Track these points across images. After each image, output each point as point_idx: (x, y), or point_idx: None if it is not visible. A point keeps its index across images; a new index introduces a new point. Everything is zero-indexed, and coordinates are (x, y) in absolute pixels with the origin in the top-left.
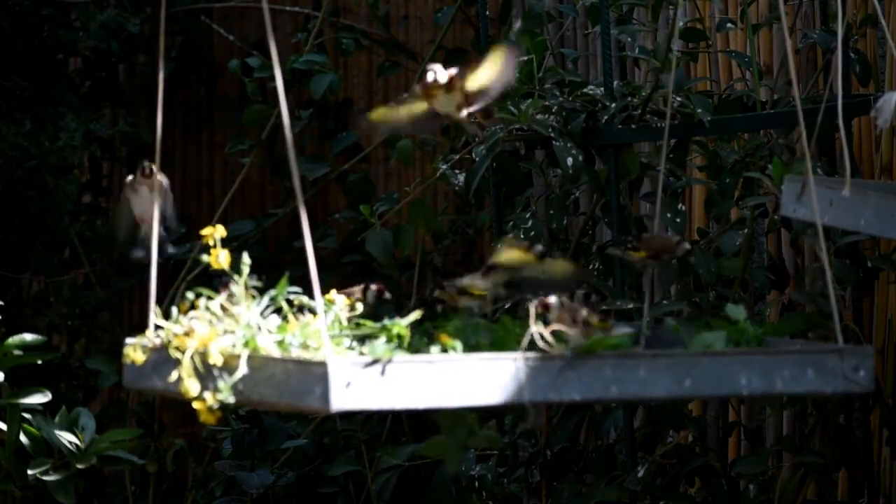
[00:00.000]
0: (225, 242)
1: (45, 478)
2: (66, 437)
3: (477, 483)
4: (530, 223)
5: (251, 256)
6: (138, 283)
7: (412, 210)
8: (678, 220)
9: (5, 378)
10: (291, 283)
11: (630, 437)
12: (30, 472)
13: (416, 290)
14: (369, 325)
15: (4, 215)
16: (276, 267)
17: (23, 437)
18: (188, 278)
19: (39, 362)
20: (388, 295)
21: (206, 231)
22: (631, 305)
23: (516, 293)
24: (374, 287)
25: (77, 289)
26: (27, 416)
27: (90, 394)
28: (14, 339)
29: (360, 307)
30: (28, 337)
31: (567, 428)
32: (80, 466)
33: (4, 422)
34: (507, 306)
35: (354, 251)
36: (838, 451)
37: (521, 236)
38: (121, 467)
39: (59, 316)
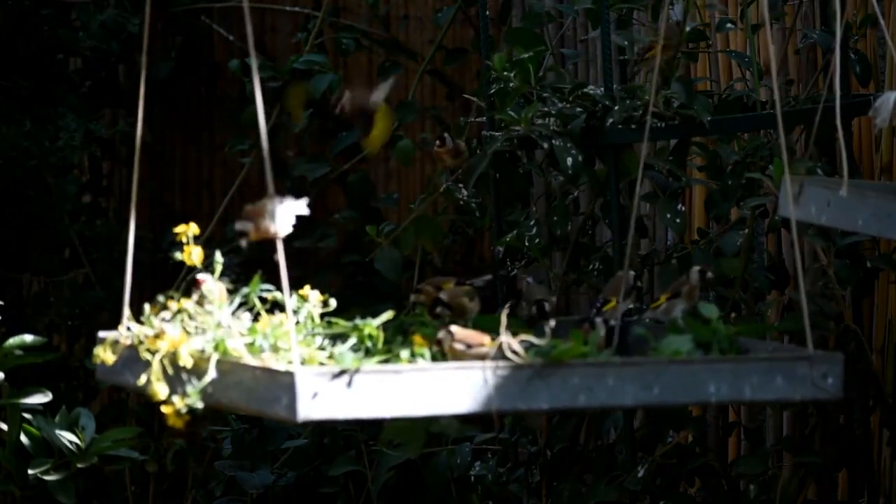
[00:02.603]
0: (225, 242)
1: (46, 477)
2: (67, 437)
3: (477, 483)
4: (532, 224)
5: (251, 256)
6: (138, 284)
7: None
8: (678, 220)
9: (6, 378)
10: (289, 282)
11: (630, 437)
12: (30, 471)
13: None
14: (341, 324)
15: (4, 215)
16: (275, 267)
17: (23, 437)
18: (188, 278)
19: (39, 362)
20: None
21: (179, 229)
22: (631, 306)
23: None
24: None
25: (77, 289)
26: (27, 416)
27: (90, 394)
28: (14, 340)
29: (332, 303)
30: (28, 337)
31: (567, 428)
32: (80, 466)
33: (5, 422)
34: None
35: (354, 251)
36: (838, 452)
37: (521, 237)
38: (121, 466)
39: (59, 316)
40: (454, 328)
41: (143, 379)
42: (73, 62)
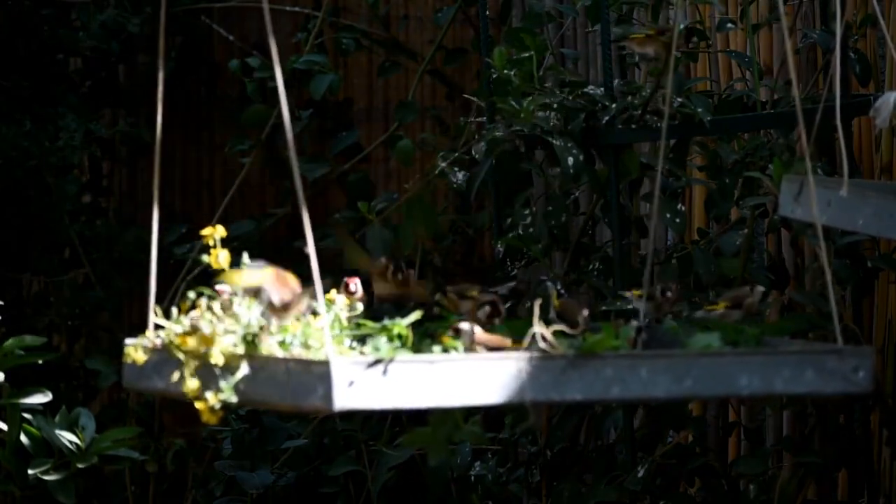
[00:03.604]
0: (225, 242)
1: (46, 478)
2: (67, 437)
3: (477, 483)
4: (530, 222)
5: (251, 256)
6: (138, 283)
7: (410, 207)
8: (678, 220)
9: (5, 378)
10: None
11: (630, 437)
12: (30, 471)
13: None
14: (369, 326)
15: (4, 215)
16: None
17: (23, 437)
18: (188, 278)
19: (39, 362)
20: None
21: (206, 231)
22: (631, 306)
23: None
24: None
25: (77, 289)
26: (27, 416)
27: (90, 394)
28: (14, 340)
29: (359, 307)
30: (28, 337)
31: (567, 428)
32: (80, 466)
33: (5, 422)
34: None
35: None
36: (838, 451)
37: (521, 233)
38: (121, 466)
39: (59, 316)
40: (477, 330)
41: (175, 376)
42: (73, 62)
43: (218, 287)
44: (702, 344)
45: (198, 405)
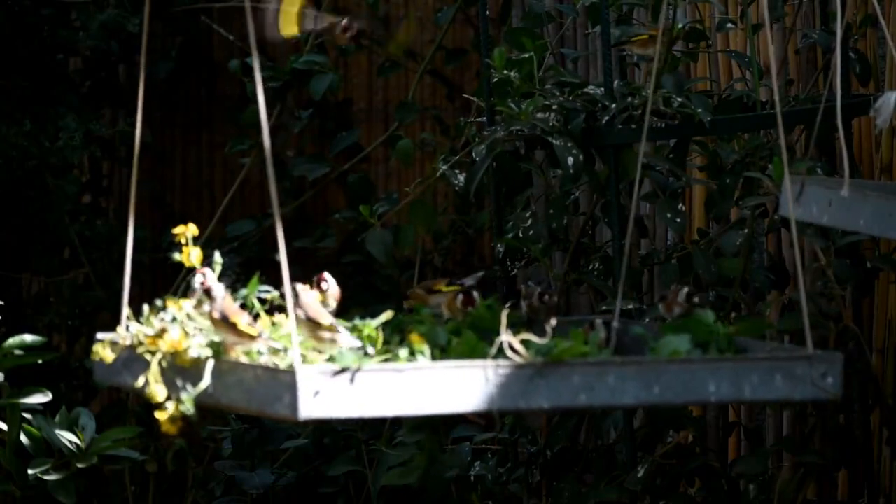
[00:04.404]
0: (225, 242)
1: (46, 477)
2: (67, 437)
3: (477, 483)
4: (530, 223)
5: (251, 256)
6: (138, 284)
7: (412, 210)
8: (678, 219)
9: (5, 378)
10: (292, 282)
11: (630, 437)
12: (30, 471)
13: None
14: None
15: (4, 215)
16: (275, 267)
17: (23, 437)
18: (188, 278)
19: (39, 362)
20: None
21: (178, 230)
22: (631, 306)
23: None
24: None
25: (77, 289)
26: (27, 416)
27: (90, 394)
28: (14, 340)
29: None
30: (28, 337)
31: (567, 428)
32: (80, 466)
33: (5, 422)
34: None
35: (354, 251)
36: (838, 451)
37: (521, 236)
38: (121, 466)
39: (59, 316)
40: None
41: (141, 380)
42: (73, 62)
43: (195, 283)
44: (672, 347)
45: (158, 414)
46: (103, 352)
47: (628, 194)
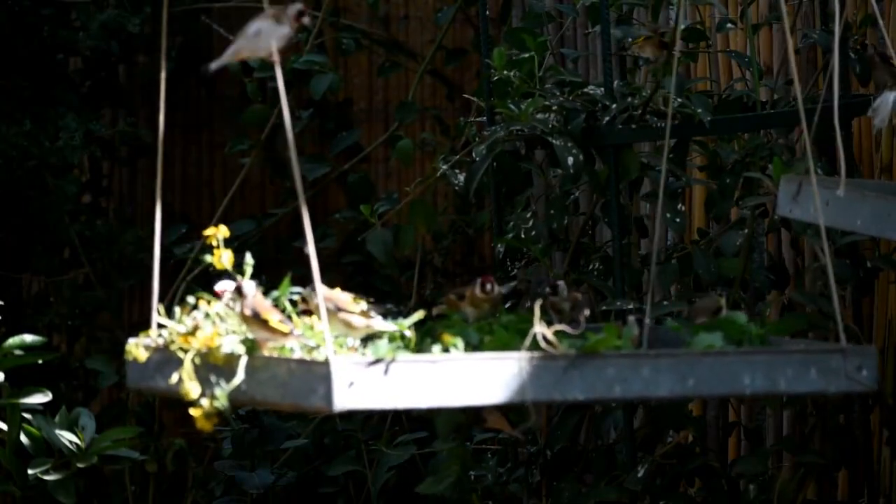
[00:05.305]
0: (225, 242)
1: (46, 477)
2: (67, 437)
3: (477, 483)
4: (530, 223)
5: (251, 256)
6: (138, 283)
7: (412, 210)
8: (678, 219)
9: (5, 378)
10: (292, 283)
11: (630, 437)
12: (30, 471)
13: (417, 290)
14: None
15: (4, 215)
16: (276, 267)
17: (23, 437)
18: (188, 278)
19: (39, 362)
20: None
21: (208, 231)
22: (631, 305)
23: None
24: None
25: (77, 289)
26: (27, 416)
27: (90, 394)
28: (14, 340)
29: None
30: (28, 337)
31: (567, 428)
32: (80, 466)
33: (5, 422)
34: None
35: (354, 251)
36: (838, 451)
37: (521, 236)
38: (121, 466)
39: (59, 316)
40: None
41: (174, 378)
42: (73, 62)
43: (218, 288)
44: (705, 343)
45: (193, 411)
46: (136, 351)
47: (628, 194)
